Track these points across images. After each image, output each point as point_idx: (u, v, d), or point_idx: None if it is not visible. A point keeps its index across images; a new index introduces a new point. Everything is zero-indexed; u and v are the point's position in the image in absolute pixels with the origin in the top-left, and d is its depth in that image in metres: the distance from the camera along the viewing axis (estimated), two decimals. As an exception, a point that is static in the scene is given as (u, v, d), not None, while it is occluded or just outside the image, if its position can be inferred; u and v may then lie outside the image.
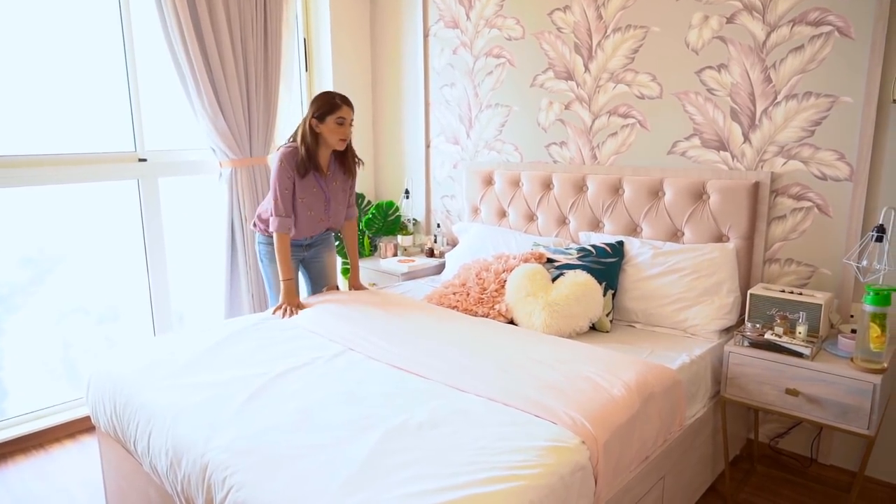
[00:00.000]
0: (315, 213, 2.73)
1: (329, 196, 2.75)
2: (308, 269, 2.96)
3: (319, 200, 2.72)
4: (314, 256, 2.92)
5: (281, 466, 1.50)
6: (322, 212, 2.76)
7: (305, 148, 2.60)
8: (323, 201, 2.74)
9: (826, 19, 2.30)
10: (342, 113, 2.58)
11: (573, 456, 1.57)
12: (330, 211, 2.79)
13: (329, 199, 2.75)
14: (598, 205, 2.91)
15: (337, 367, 2.10)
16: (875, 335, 1.96)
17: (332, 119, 2.58)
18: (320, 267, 2.96)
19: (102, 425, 2.13)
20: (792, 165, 2.45)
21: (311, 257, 2.91)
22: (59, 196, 3.01)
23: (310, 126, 2.60)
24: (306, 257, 2.90)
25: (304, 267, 2.95)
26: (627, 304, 2.62)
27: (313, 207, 2.71)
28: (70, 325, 3.15)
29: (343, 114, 2.59)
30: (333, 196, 2.77)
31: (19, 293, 2.97)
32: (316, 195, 2.71)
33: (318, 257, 2.93)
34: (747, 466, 2.61)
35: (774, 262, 2.55)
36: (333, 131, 2.59)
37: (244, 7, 3.20)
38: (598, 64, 2.94)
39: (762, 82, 2.48)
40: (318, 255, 2.92)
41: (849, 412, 2.00)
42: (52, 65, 2.90)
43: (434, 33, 3.62)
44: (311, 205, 2.70)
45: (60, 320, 3.11)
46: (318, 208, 2.74)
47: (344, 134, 2.62)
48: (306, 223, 2.73)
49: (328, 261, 2.98)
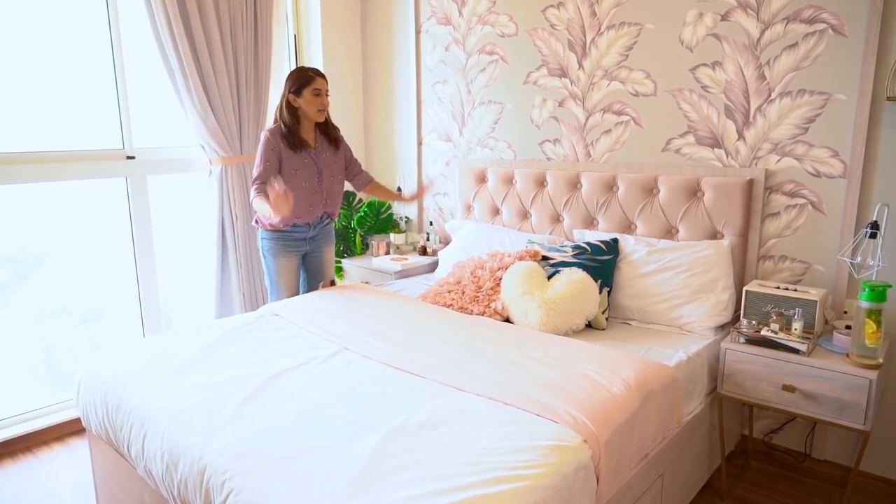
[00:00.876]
0: (310, 185, 2.78)
1: (321, 167, 2.80)
2: (307, 264, 2.98)
3: (312, 172, 2.78)
4: (314, 251, 2.95)
5: (281, 469, 1.48)
6: (316, 184, 2.80)
7: (286, 124, 2.69)
8: (315, 173, 2.79)
9: (820, 17, 2.31)
10: (317, 84, 2.67)
11: (576, 455, 1.56)
12: (323, 183, 2.82)
13: (321, 170, 2.80)
14: (593, 202, 2.91)
15: (333, 367, 2.07)
16: (871, 331, 1.97)
17: (308, 91, 2.66)
18: (319, 262, 2.98)
19: (94, 428, 2.09)
20: (786, 163, 2.46)
21: (311, 251, 2.95)
22: (43, 194, 2.95)
23: (288, 102, 2.69)
24: (308, 252, 2.94)
25: (305, 262, 2.98)
26: (623, 302, 2.62)
27: (308, 178, 2.77)
28: (52, 325, 3.09)
29: (318, 85, 2.67)
30: (326, 167, 2.82)
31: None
32: (308, 167, 2.77)
33: (317, 251, 2.97)
34: (742, 462, 2.63)
35: (769, 259, 2.56)
36: (311, 103, 2.68)
37: (234, 2, 3.16)
38: (592, 61, 2.93)
39: (756, 79, 2.48)
40: (318, 249, 2.96)
41: (845, 408, 2.01)
42: (37, 60, 2.84)
43: (426, 30, 3.59)
44: (305, 176, 2.76)
45: (42, 321, 3.04)
46: (312, 180, 2.79)
47: (321, 104, 2.70)
48: (303, 196, 2.76)
49: (326, 256, 3.00)
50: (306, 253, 2.94)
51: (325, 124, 2.82)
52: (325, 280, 3.01)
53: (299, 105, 2.68)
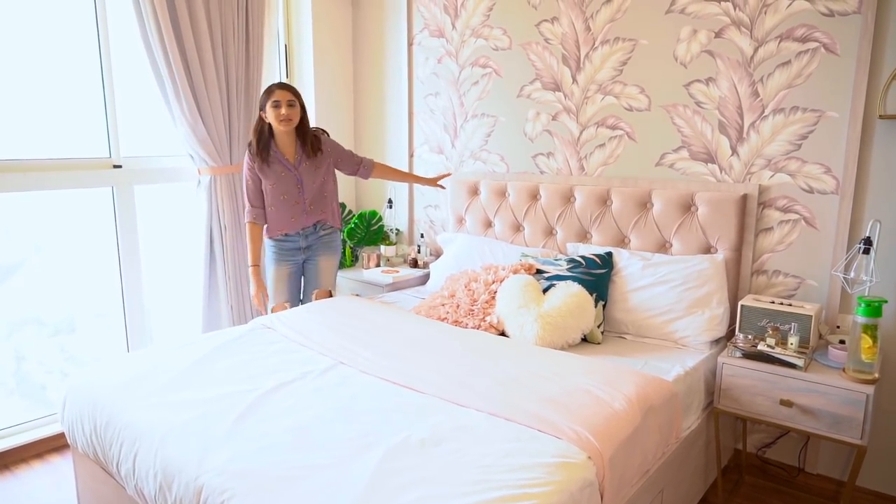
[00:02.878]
0: (289, 197, 2.84)
1: (301, 178, 2.84)
2: (305, 272, 3.02)
3: (291, 184, 2.83)
4: (309, 259, 2.99)
5: (282, 489, 1.44)
6: (296, 194, 2.85)
7: (256, 138, 2.77)
8: (294, 184, 2.84)
9: (812, 36, 2.35)
10: (274, 97, 2.71)
11: (581, 472, 1.54)
12: (304, 193, 2.86)
13: (301, 180, 2.84)
14: (586, 216, 2.91)
15: (329, 382, 2.03)
16: (867, 346, 1.99)
17: (268, 105, 2.72)
18: (314, 271, 3.00)
19: (80, 446, 2.02)
20: (779, 178, 2.49)
21: (307, 259, 2.99)
22: (26, 202, 2.87)
23: (260, 118, 2.78)
24: (305, 260, 3.00)
25: (304, 271, 3.02)
26: (617, 316, 2.61)
27: (287, 192, 2.84)
28: (23, 337, 2.99)
29: (276, 97, 2.71)
30: (307, 176, 2.85)
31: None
32: (285, 179, 2.82)
33: (312, 260, 2.99)
34: (736, 477, 2.63)
35: (762, 274, 2.58)
36: (271, 115, 2.73)
37: (225, 11, 3.12)
38: (587, 75, 2.95)
39: (750, 96, 2.51)
40: (312, 257, 2.99)
41: (842, 422, 2.02)
42: (23, 65, 2.78)
43: (419, 42, 3.59)
44: (284, 190, 2.83)
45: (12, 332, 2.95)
46: (292, 192, 2.84)
47: (280, 115, 2.71)
48: (283, 208, 2.85)
49: (322, 265, 3.00)
50: (305, 261, 2.98)
51: (302, 134, 2.82)
52: (319, 290, 2.98)
53: (269, 120, 2.74)
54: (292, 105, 2.73)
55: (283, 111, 2.70)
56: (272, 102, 2.71)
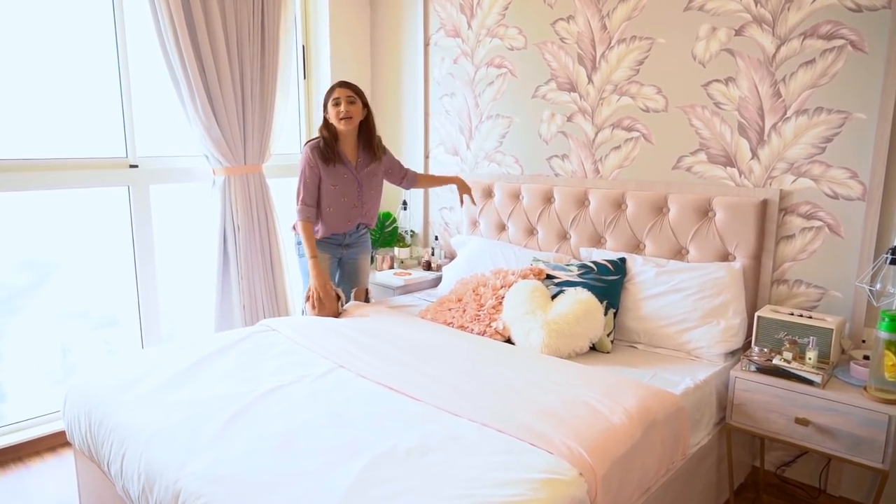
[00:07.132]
0: (348, 200, 2.81)
1: (361, 181, 2.83)
2: (343, 266, 3.00)
3: (352, 186, 2.81)
4: (350, 257, 2.98)
5: (259, 496, 1.41)
6: (356, 197, 2.83)
7: (323, 138, 2.74)
8: (355, 187, 2.82)
9: (839, 33, 2.23)
10: (335, 94, 2.70)
11: (569, 489, 1.47)
12: (363, 196, 2.85)
13: (361, 184, 2.83)
14: (600, 220, 2.83)
15: (325, 386, 2.00)
16: (890, 363, 1.86)
17: (330, 103, 2.71)
18: (354, 268, 3.00)
19: (77, 443, 2.04)
20: (802, 183, 2.37)
21: (347, 257, 2.97)
22: (53, 200, 2.93)
23: (325, 119, 2.76)
24: (343, 256, 2.96)
25: (340, 266, 3.00)
26: (629, 324, 2.52)
27: (346, 194, 2.80)
28: (69, 329, 3.08)
29: (336, 94, 2.70)
30: (366, 182, 2.84)
31: (17, 297, 2.89)
32: (347, 181, 2.79)
33: (353, 258, 2.99)
34: (752, 496, 2.50)
35: (783, 283, 2.46)
36: (332, 113, 2.71)
37: (241, 11, 3.13)
38: (602, 75, 2.86)
39: (771, 97, 2.40)
40: (354, 255, 2.98)
41: (862, 444, 1.90)
42: (43, 67, 2.83)
43: (435, 42, 3.55)
44: (343, 191, 2.79)
45: (58, 325, 3.04)
46: (352, 194, 2.82)
47: (339, 112, 2.68)
48: (341, 210, 2.81)
49: (362, 263, 3.01)
50: (342, 256, 2.96)
51: (367, 136, 2.81)
52: (358, 287, 3.00)
53: (330, 118, 2.73)
54: (352, 102, 2.69)
55: (343, 108, 2.67)
56: (332, 100, 2.70)
